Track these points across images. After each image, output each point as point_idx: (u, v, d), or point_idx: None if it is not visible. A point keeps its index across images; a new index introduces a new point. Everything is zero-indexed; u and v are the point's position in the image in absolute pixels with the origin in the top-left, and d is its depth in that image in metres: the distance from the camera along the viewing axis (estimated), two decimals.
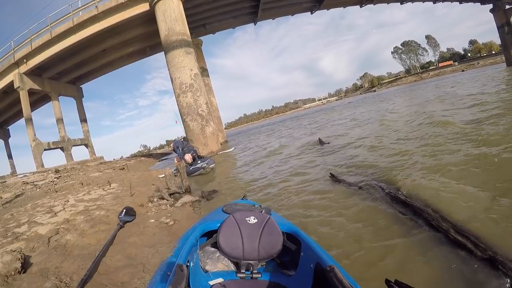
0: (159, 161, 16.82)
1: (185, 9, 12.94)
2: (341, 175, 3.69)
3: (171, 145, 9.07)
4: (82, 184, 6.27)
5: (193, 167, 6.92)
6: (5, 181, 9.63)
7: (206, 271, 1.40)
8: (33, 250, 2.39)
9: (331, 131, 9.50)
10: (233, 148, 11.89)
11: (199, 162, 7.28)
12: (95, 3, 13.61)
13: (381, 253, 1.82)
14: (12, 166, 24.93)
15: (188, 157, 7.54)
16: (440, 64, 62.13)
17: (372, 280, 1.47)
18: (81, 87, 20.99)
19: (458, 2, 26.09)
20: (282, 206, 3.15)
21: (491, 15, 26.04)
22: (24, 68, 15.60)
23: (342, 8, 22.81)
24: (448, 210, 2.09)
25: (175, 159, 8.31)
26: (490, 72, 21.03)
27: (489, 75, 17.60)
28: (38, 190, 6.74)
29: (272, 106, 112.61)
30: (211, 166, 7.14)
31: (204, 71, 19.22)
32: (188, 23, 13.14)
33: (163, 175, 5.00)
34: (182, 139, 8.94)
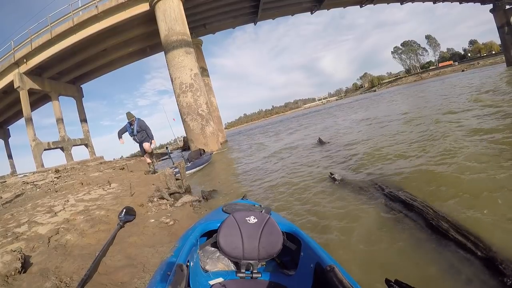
0: (159, 160, 16.79)
1: (185, 9, 12.96)
2: (340, 175, 3.69)
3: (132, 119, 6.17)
4: (82, 184, 6.25)
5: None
6: (5, 181, 9.61)
7: (206, 271, 1.40)
8: (33, 250, 2.38)
9: (331, 131, 9.50)
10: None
11: (188, 163, 6.83)
12: (95, 3, 13.62)
13: (381, 252, 1.82)
14: (12, 166, 24.96)
15: (147, 146, 6.12)
16: (440, 64, 62.18)
17: (372, 280, 1.47)
18: (81, 87, 20.96)
19: (458, 2, 26.09)
20: (282, 205, 3.16)
21: (491, 15, 26.06)
22: (24, 68, 15.59)
23: (342, 8, 22.84)
24: (448, 210, 2.09)
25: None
26: (492, 73, 21.00)
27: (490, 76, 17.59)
28: (38, 190, 6.73)
29: (272, 106, 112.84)
30: (189, 171, 6.49)
31: (204, 71, 19.23)
32: (188, 23, 13.16)
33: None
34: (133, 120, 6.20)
